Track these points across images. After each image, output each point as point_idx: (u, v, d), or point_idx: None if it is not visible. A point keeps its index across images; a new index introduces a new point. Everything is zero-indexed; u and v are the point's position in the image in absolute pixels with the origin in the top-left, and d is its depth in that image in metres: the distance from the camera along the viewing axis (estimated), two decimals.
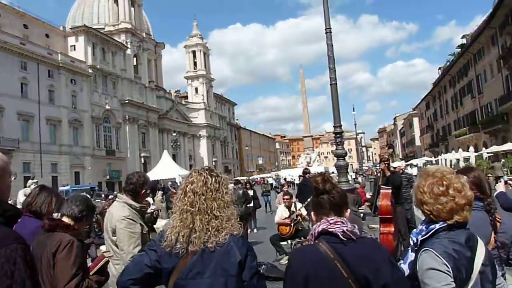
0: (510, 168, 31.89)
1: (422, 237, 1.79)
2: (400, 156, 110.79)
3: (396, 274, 1.62)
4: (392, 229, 6.59)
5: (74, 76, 50.43)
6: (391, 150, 9.02)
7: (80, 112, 51.29)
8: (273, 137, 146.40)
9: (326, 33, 10.05)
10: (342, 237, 1.65)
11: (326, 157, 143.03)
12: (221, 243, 1.76)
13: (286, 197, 8.17)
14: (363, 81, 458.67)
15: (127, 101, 58.89)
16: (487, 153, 39.23)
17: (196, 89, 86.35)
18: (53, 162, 46.69)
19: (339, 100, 9.87)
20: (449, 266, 1.62)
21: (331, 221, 1.70)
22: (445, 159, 46.73)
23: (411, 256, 1.81)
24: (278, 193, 19.52)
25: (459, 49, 57.50)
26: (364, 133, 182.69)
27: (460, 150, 44.69)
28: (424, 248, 1.72)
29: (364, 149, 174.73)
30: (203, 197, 1.81)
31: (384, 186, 6.90)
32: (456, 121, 60.07)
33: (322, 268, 1.61)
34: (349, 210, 1.87)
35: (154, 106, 66.16)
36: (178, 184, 28.36)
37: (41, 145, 44.91)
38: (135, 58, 64.16)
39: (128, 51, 61.01)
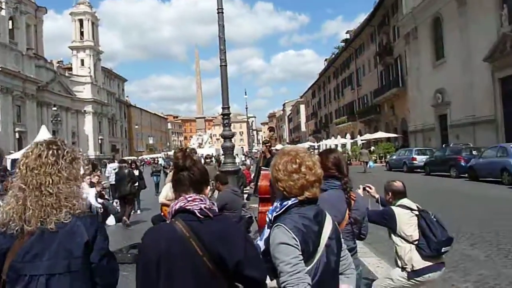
0: (379, 154, 35.72)
1: (276, 213, 1.85)
2: (287, 141, 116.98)
3: (250, 251, 1.65)
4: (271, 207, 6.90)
5: None
6: (272, 133, 9.46)
7: None
8: (165, 116, 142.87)
9: (218, 13, 10.01)
10: (199, 215, 1.63)
11: (218, 139, 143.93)
12: (63, 223, 1.62)
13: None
14: (257, 67, 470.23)
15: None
16: (361, 140, 43.40)
17: (82, 61, 79.81)
18: None
19: (228, 82, 9.95)
20: (297, 240, 1.70)
21: (189, 199, 1.68)
22: (326, 144, 50.51)
23: (266, 232, 1.88)
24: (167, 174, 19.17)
25: (343, 43, 62.05)
26: (255, 117, 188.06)
27: (339, 136, 48.71)
28: (276, 224, 1.78)
29: (255, 132, 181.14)
30: (36, 171, 1.64)
31: (264, 168, 7.17)
32: (337, 110, 65.15)
33: (177, 246, 1.59)
34: (209, 187, 1.85)
35: (32, 76, 59.45)
36: None
37: None
38: (10, 21, 56.79)
39: (3, 12, 53.70)
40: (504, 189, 14.07)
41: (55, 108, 48.04)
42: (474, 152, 19.03)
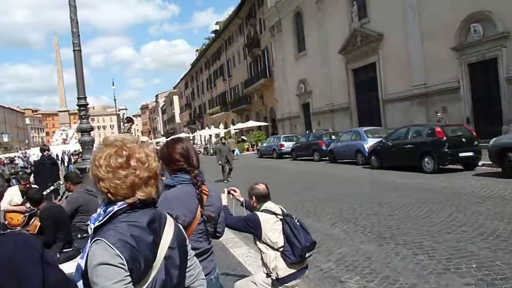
0: (251, 142, 36.95)
1: (98, 222, 1.43)
2: (162, 133, 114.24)
3: (52, 278, 1.27)
4: None
5: None
6: (130, 124, 8.76)
7: None
8: (23, 111, 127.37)
9: None
10: None
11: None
12: None
13: (22, 182, 6.87)
14: (126, 57, 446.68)
15: None
16: (234, 129, 44.39)
17: None
18: None
19: (83, 69, 8.99)
20: (123, 258, 1.32)
21: None
22: (200, 135, 50.54)
23: (87, 248, 1.48)
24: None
25: (214, 34, 62.42)
26: (126, 109, 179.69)
27: (213, 127, 49.06)
28: (96, 238, 1.38)
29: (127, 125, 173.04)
30: None
31: None
32: (210, 100, 65.58)
33: None
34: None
35: None
36: None
37: None
38: None
39: None
40: (359, 168, 15.63)
41: None
42: (333, 137, 20.81)
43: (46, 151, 8.56)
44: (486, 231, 5.81)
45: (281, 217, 3.48)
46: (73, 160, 15.07)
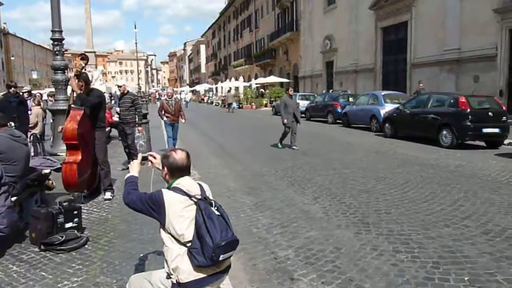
0: (270, 98, 35.67)
1: None
2: (187, 82, 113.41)
3: None
4: (79, 157, 5.55)
5: None
6: (85, 62, 7.67)
7: None
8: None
9: None
10: None
11: (113, 77, 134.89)
12: None
13: None
14: (159, 1, 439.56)
15: None
16: (256, 83, 42.99)
17: None
18: None
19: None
20: None
21: None
22: (222, 87, 49.44)
23: None
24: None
25: None
26: (155, 55, 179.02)
27: (233, 79, 47.77)
28: None
29: (154, 72, 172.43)
30: None
31: (74, 106, 5.68)
32: (236, 52, 63.69)
33: None
34: None
35: None
36: None
37: None
38: None
39: None
40: (371, 136, 14.39)
41: None
42: (350, 99, 19.38)
43: (13, 88, 7.78)
44: (493, 229, 4.70)
45: (195, 200, 2.50)
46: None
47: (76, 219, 4.53)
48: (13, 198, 4.35)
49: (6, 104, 7.72)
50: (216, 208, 2.51)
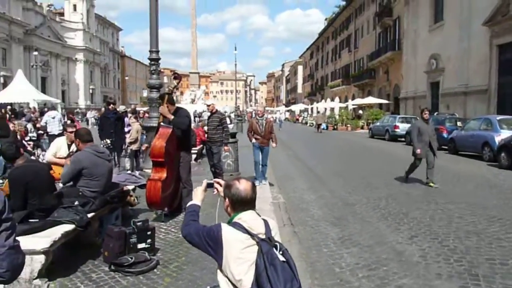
0: (367, 120, 34.20)
1: None
2: (284, 102, 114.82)
3: None
4: (164, 175, 5.51)
5: None
6: (177, 81, 7.50)
7: None
8: (162, 70, 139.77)
9: None
10: None
11: (214, 96, 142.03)
12: None
13: (69, 129, 6.43)
14: (261, 25, 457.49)
15: None
16: (352, 104, 41.69)
17: (75, 7, 76.39)
18: None
19: (159, 18, 8.34)
20: None
21: None
22: (317, 107, 48.91)
23: None
24: None
25: (345, 2, 58.80)
26: (254, 76, 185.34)
27: (329, 100, 46.92)
28: None
29: (252, 92, 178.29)
30: None
31: (163, 124, 5.71)
32: (333, 72, 62.84)
33: None
34: None
35: (19, 19, 56.75)
36: (31, 109, 24.73)
37: None
38: None
39: None
40: (482, 165, 12.69)
41: (36, 53, 45.78)
42: (458, 123, 17.50)
43: (111, 105, 8.24)
44: None
45: (257, 240, 2.10)
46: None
47: (149, 240, 4.39)
48: (91, 214, 4.38)
49: (105, 120, 8.18)
50: (281, 252, 2.07)
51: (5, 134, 6.71)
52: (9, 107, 19.86)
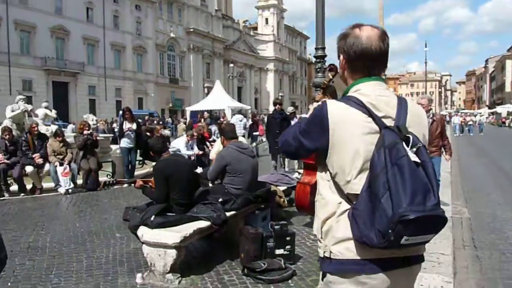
0: None
1: None
2: (487, 103, 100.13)
3: None
4: (315, 179, 5.01)
5: (138, 2, 50.34)
6: (333, 73, 6.31)
7: (144, 39, 51.66)
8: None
9: None
10: None
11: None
12: None
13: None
14: (459, 18, 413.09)
15: (192, 30, 58.27)
16: None
17: (267, 20, 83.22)
18: (117, 87, 48.31)
19: (325, 14, 7.95)
20: None
21: None
22: None
23: None
24: None
25: None
26: (450, 75, 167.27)
27: None
28: None
29: (448, 93, 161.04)
30: None
31: None
32: None
33: None
34: None
35: (220, 36, 65.02)
36: (221, 114, 27.93)
37: (106, 70, 46.33)
38: None
39: None
40: None
41: (231, 65, 51.19)
42: None
43: (278, 105, 8.19)
44: None
45: (381, 125, 1.35)
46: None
47: (288, 246, 3.98)
48: (231, 213, 4.22)
49: (272, 120, 8.23)
50: (415, 149, 1.30)
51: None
52: (206, 113, 22.57)
